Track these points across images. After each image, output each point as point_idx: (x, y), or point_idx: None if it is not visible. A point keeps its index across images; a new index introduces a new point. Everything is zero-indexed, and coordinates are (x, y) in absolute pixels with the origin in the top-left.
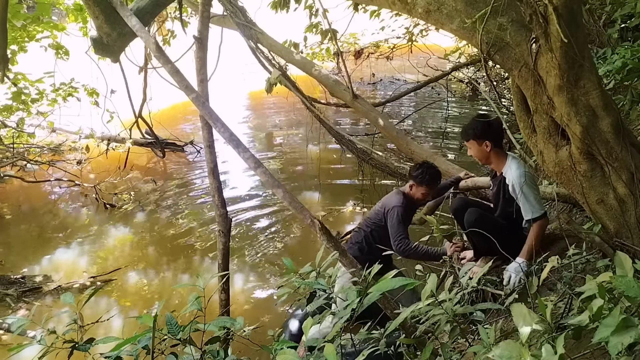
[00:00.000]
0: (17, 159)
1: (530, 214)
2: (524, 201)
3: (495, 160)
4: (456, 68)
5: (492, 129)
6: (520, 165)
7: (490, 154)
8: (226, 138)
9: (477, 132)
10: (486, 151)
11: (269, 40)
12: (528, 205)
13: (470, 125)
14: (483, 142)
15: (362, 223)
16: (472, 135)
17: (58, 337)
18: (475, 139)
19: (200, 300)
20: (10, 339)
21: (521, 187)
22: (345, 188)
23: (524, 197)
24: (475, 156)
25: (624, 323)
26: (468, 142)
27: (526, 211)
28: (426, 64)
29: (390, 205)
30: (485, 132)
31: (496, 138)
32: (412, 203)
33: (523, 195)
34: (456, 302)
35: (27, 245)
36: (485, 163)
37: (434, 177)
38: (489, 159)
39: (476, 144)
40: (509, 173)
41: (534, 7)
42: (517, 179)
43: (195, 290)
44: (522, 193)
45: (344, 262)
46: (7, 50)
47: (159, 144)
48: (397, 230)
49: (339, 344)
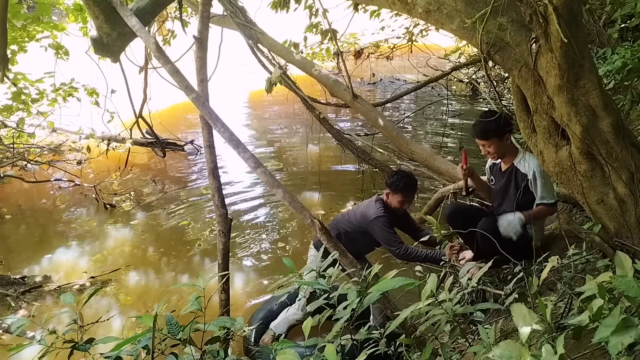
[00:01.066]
0: (17, 159)
1: (547, 199)
2: (542, 187)
3: (510, 152)
4: (456, 68)
5: (507, 121)
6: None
7: (508, 147)
8: (226, 138)
9: (498, 129)
10: (506, 145)
11: (269, 40)
12: (545, 192)
13: (488, 123)
14: (504, 136)
15: (340, 221)
16: (493, 133)
17: (58, 337)
18: (497, 135)
19: (200, 300)
20: (10, 340)
21: (542, 173)
22: (345, 188)
23: (542, 184)
24: (495, 153)
25: (624, 323)
26: (488, 141)
27: (543, 196)
28: (426, 64)
29: (372, 216)
30: (505, 125)
31: (512, 128)
32: (391, 211)
33: (542, 182)
34: (456, 302)
35: (27, 245)
36: (500, 157)
37: (409, 184)
38: (505, 152)
39: (497, 140)
40: (523, 163)
41: (534, 7)
42: (538, 166)
43: (195, 290)
44: (543, 179)
45: (344, 262)
46: (7, 50)
47: (160, 143)
48: (390, 237)
49: (338, 344)
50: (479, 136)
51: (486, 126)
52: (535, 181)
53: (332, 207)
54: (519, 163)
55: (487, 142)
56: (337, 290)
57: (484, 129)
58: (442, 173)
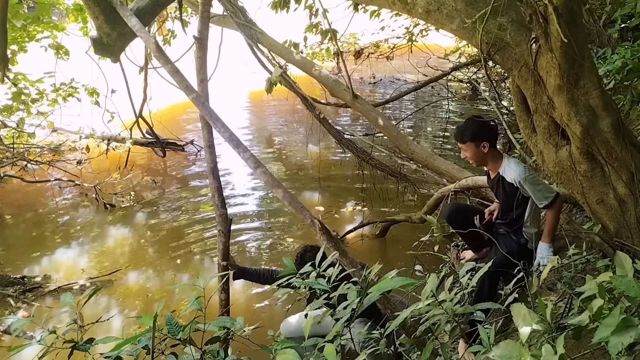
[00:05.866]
0: (17, 159)
1: (545, 200)
2: (534, 191)
3: (492, 161)
4: (456, 68)
5: (489, 129)
6: (518, 161)
7: (487, 155)
8: (226, 138)
9: (475, 134)
10: (483, 152)
11: (269, 40)
12: (539, 194)
13: (466, 127)
14: (481, 143)
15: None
16: (469, 137)
17: (58, 337)
18: (473, 140)
19: (200, 300)
20: (10, 340)
21: (526, 179)
22: (345, 188)
23: (532, 187)
24: (471, 159)
25: (624, 323)
26: (464, 145)
27: (539, 199)
28: (426, 64)
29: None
30: (483, 133)
31: (494, 138)
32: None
33: (531, 186)
34: (456, 302)
35: (27, 245)
36: (480, 165)
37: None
38: (485, 161)
39: (473, 145)
40: (508, 171)
41: (534, 7)
42: (521, 173)
43: (195, 290)
44: (529, 184)
45: (344, 263)
46: (7, 50)
47: (160, 143)
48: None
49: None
50: (455, 137)
51: (463, 129)
52: (524, 188)
53: (332, 207)
54: (504, 172)
55: (464, 146)
56: (337, 290)
57: (461, 131)
58: (442, 173)
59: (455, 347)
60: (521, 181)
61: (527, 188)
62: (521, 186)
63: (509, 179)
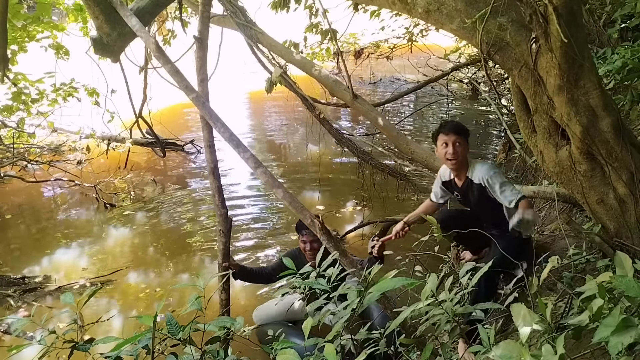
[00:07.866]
0: (18, 159)
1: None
2: (500, 191)
3: (465, 164)
4: (456, 68)
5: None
6: (483, 162)
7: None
8: (226, 138)
9: (467, 132)
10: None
11: (269, 40)
12: (507, 193)
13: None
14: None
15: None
16: (466, 134)
17: (58, 337)
18: (466, 138)
19: (200, 300)
20: (10, 340)
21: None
22: (345, 188)
23: (499, 187)
24: (461, 155)
25: (624, 323)
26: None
27: (506, 198)
28: (426, 64)
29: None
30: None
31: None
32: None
33: (499, 185)
34: (456, 302)
35: (27, 245)
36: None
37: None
38: (464, 162)
39: (465, 143)
40: (475, 173)
41: (534, 7)
42: (488, 172)
43: (195, 290)
44: (497, 183)
45: (344, 262)
46: (7, 50)
47: (160, 143)
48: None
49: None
50: (455, 129)
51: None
52: (491, 187)
53: (332, 207)
54: (472, 174)
55: (462, 140)
56: (337, 290)
57: (460, 126)
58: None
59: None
60: (488, 179)
61: (493, 187)
62: (488, 184)
63: (477, 179)
